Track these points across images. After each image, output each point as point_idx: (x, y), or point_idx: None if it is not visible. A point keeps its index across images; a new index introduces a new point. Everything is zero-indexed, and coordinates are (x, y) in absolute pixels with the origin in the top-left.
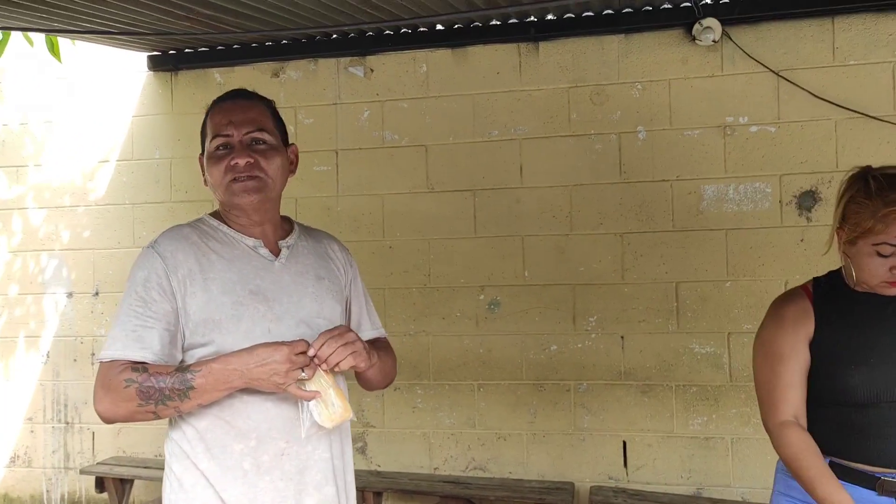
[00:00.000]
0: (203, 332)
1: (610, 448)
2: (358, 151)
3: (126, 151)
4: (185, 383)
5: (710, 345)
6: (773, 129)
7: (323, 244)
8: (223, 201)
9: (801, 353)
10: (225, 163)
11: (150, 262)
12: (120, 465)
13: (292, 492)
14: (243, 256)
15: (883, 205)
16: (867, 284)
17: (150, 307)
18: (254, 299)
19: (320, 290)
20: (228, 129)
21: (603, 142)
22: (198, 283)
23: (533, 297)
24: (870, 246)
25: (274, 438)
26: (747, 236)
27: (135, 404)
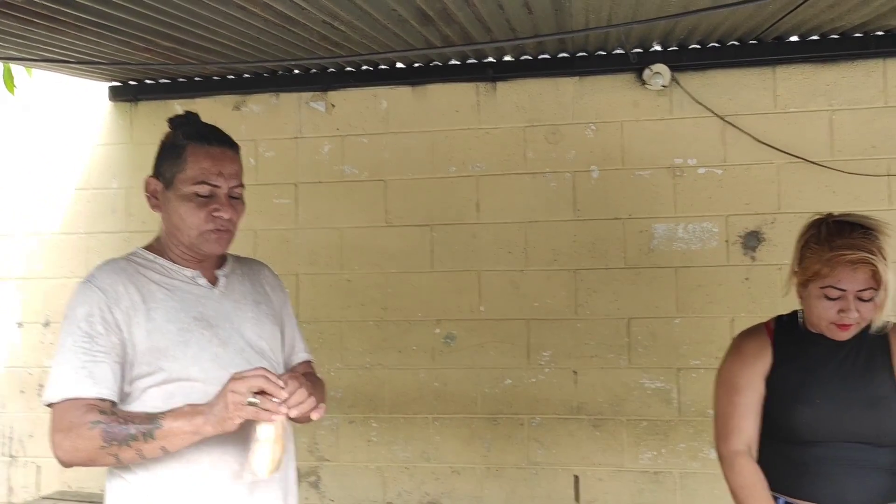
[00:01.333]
0: (150, 361)
1: (562, 482)
2: (318, 185)
3: (84, 180)
4: (151, 422)
5: (659, 380)
6: (720, 172)
7: (255, 271)
8: (187, 242)
9: (756, 386)
10: (206, 211)
11: (90, 297)
12: (64, 500)
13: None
14: (183, 286)
15: (829, 250)
16: (817, 327)
17: (96, 342)
18: (199, 325)
19: (259, 315)
20: (218, 181)
21: (558, 180)
22: (141, 313)
23: (488, 331)
24: (818, 289)
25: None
26: (695, 274)
27: (97, 445)
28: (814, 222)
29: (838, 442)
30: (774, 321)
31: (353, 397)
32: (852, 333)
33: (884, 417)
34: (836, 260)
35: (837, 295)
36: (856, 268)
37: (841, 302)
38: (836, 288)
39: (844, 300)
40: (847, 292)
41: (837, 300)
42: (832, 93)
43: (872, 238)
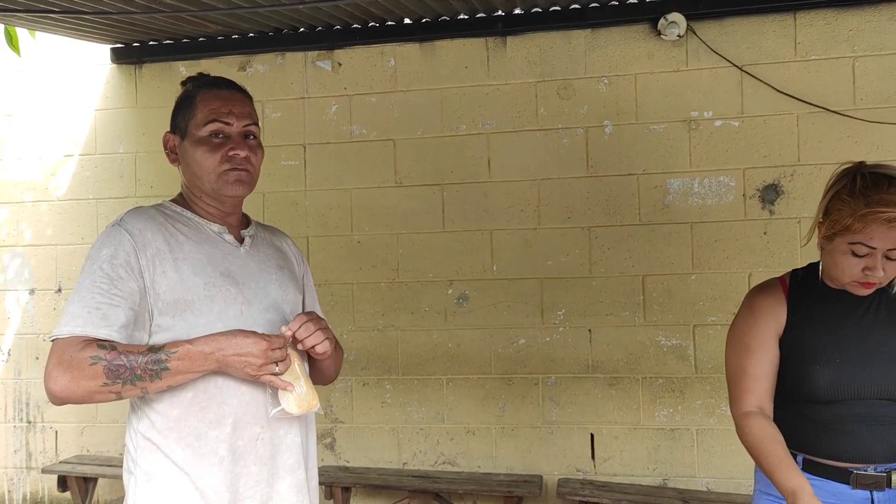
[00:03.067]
0: (174, 313)
1: (578, 441)
2: (326, 146)
3: (89, 146)
4: (159, 364)
5: (675, 337)
6: (737, 124)
7: (279, 238)
8: (208, 189)
9: (769, 347)
10: (222, 152)
11: (118, 239)
12: (83, 464)
13: (266, 476)
14: (210, 241)
15: (864, 204)
16: (839, 282)
17: (116, 285)
18: (225, 281)
19: (283, 279)
20: (229, 118)
21: (570, 136)
22: (168, 263)
23: (501, 291)
24: (846, 244)
25: (249, 423)
26: (712, 230)
27: (99, 383)
28: (846, 171)
29: (860, 400)
30: (789, 276)
31: (366, 359)
32: (872, 290)
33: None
34: (872, 216)
35: (866, 252)
36: (892, 226)
37: (868, 259)
38: (866, 245)
39: (872, 258)
40: (877, 250)
41: (865, 257)
42: (855, 39)
43: None
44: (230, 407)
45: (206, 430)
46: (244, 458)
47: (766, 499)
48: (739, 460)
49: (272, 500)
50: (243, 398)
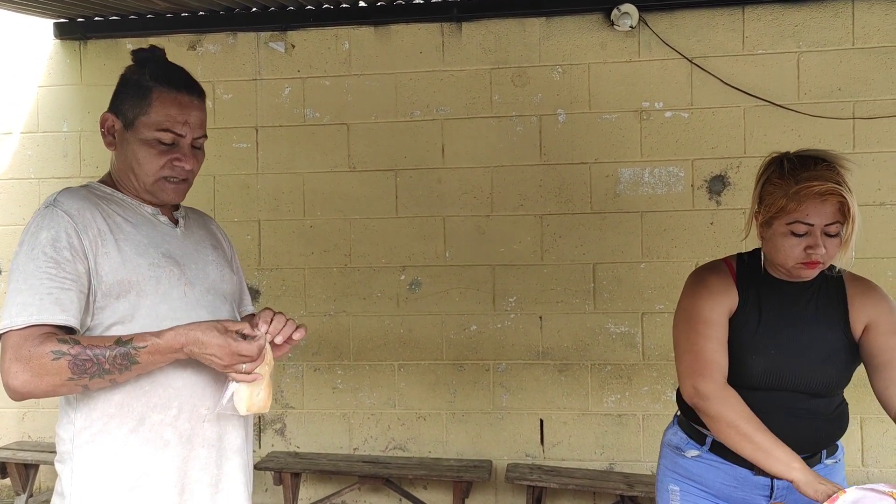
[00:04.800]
0: (117, 294)
1: (527, 426)
2: (278, 129)
3: (31, 123)
4: (128, 358)
5: (624, 324)
6: (687, 115)
7: (205, 220)
8: (141, 187)
9: (725, 322)
10: (167, 159)
11: (57, 221)
12: (23, 450)
13: (214, 457)
14: (147, 222)
15: (795, 182)
16: (783, 267)
17: (63, 268)
18: (168, 262)
19: (219, 259)
20: (183, 129)
21: (524, 124)
22: (110, 243)
23: (453, 277)
24: (784, 226)
25: (195, 406)
26: (661, 219)
27: (64, 378)
28: (773, 159)
29: (785, 391)
30: (735, 260)
31: (317, 345)
32: (817, 272)
33: (834, 372)
34: (804, 192)
35: (805, 230)
36: (824, 199)
37: (808, 238)
38: (804, 223)
39: (812, 236)
40: (815, 227)
41: (804, 236)
42: (800, 34)
43: (836, 170)
44: (175, 390)
45: (150, 414)
46: (191, 441)
47: (671, 476)
48: None
49: (221, 481)
50: (189, 380)
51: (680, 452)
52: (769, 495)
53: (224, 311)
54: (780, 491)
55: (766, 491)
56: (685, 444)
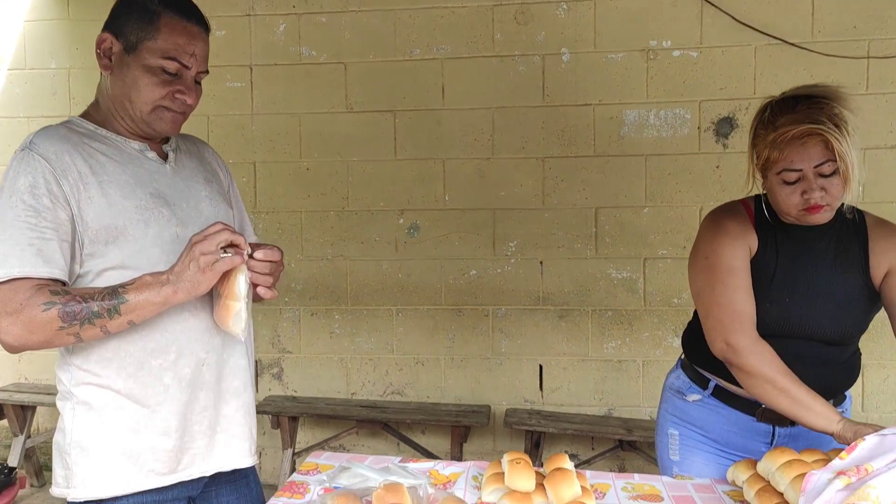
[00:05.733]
0: (105, 240)
1: (526, 372)
2: (273, 67)
3: (18, 60)
4: (115, 296)
5: (626, 270)
6: (695, 54)
7: (199, 148)
8: (137, 116)
9: (748, 268)
10: (170, 90)
11: (34, 166)
12: (20, 392)
13: (213, 400)
14: (133, 159)
15: (773, 130)
16: (788, 216)
17: (43, 216)
18: (157, 203)
19: (213, 194)
20: (190, 61)
21: (526, 63)
22: (93, 187)
23: (453, 221)
24: (775, 176)
25: (194, 350)
26: (666, 162)
27: (55, 327)
28: (762, 106)
29: (797, 338)
30: (753, 202)
31: (314, 289)
32: (828, 215)
33: (851, 319)
34: (780, 139)
35: (795, 177)
36: (804, 142)
37: (802, 184)
38: (791, 169)
39: (805, 180)
40: (804, 171)
41: (797, 183)
42: None
43: (822, 106)
44: (172, 335)
45: (149, 359)
46: (191, 385)
47: (672, 420)
48: None
49: (219, 424)
50: (186, 324)
51: (681, 396)
52: (770, 442)
53: None
54: (782, 438)
55: (768, 438)
56: (687, 387)
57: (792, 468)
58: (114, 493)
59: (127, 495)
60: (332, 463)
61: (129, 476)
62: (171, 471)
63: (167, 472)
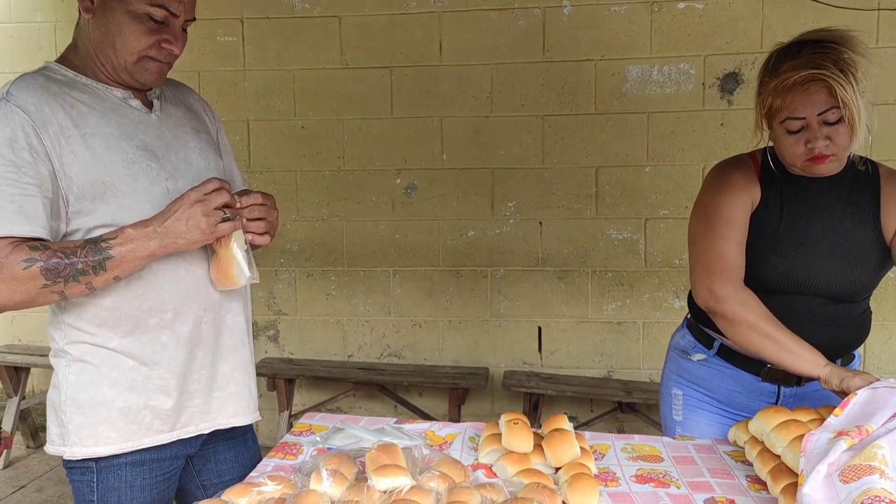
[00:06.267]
0: (92, 196)
1: (525, 334)
2: (266, 21)
3: (3, 13)
4: (99, 252)
5: (627, 230)
6: (701, 6)
7: (184, 94)
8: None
9: (746, 222)
10: (156, 38)
11: (11, 118)
12: (13, 353)
13: (210, 358)
14: (116, 109)
15: (776, 77)
16: (794, 167)
17: (24, 171)
18: (144, 156)
19: (202, 144)
20: (178, 9)
21: (526, 17)
22: (75, 141)
23: (451, 181)
24: (779, 125)
25: (191, 308)
26: (669, 120)
27: (38, 285)
28: (770, 53)
29: (805, 294)
30: (761, 154)
31: (310, 250)
32: (835, 166)
33: (860, 275)
34: (782, 85)
35: (798, 126)
36: (806, 88)
37: (806, 133)
38: (794, 118)
39: (809, 129)
40: (808, 119)
41: (801, 132)
42: None
43: (828, 51)
44: (168, 293)
45: (145, 318)
46: (189, 343)
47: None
48: None
49: (216, 381)
50: (182, 283)
51: (686, 356)
52: (775, 402)
53: None
54: (787, 399)
55: (773, 398)
56: (692, 347)
57: (788, 429)
58: (111, 452)
59: (125, 453)
60: (326, 424)
61: (127, 433)
62: (170, 429)
63: (166, 430)
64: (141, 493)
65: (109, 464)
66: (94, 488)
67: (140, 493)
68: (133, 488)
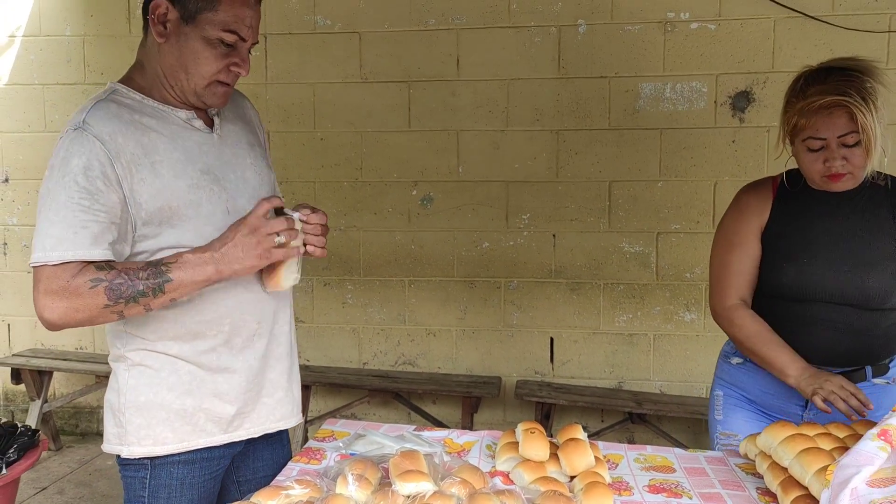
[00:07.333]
0: (158, 221)
1: (537, 344)
2: (288, 36)
3: (33, 27)
4: (159, 275)
5: (639, 244)
6: (713, 27)
7: (239, 104)
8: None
9: (751, 242)
10: (226, 62)
11: (88, 147)
12: (37, 357)
13: (261, 366)
14: (181, 132)
15: (802, 99)
16: (814, 183)
17: (97, 199)
18: (207, 180)
19: (256, 159)
20: (248, 34)
21: (542, 35)
22: (145, 168)
23: (466, 193)
24: (801, 143)
25: (246, 321)
26: (680, 136)
27: (101, 304)
28: (797, 76)
29: (823, 302)
30: (784, 175)
31: (327, 259)
32: (849, 184)
33: (873, 281)
34: (808, 107)
35: (819, 145)
36: (830, 112)
37: (825, 152)
38: (816, 138)
39: (828, 149)
40: (828, 140)
41: (821, 151)
42: None
43: (852, 79)
44: (226, 308)
45: (204, 330)
46: (242, 352)
47: (719, 384)
48: (693, 365)
49: (265, 387)
50: (239, 298)
51: (727, 359)
52: (805, 405)
53: None
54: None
55: (802, 401)
56: (732, 351)
57: (794, 443)
58: (167, 451)
59: (179, 453)
60: (348, 430)
61: (183, 434)
62: (222, 431)
63: (218, 432)
64: (189, 490)
65: (163, 461)
66: (147, 485)
67: (189, 491)
68: (183, 486)
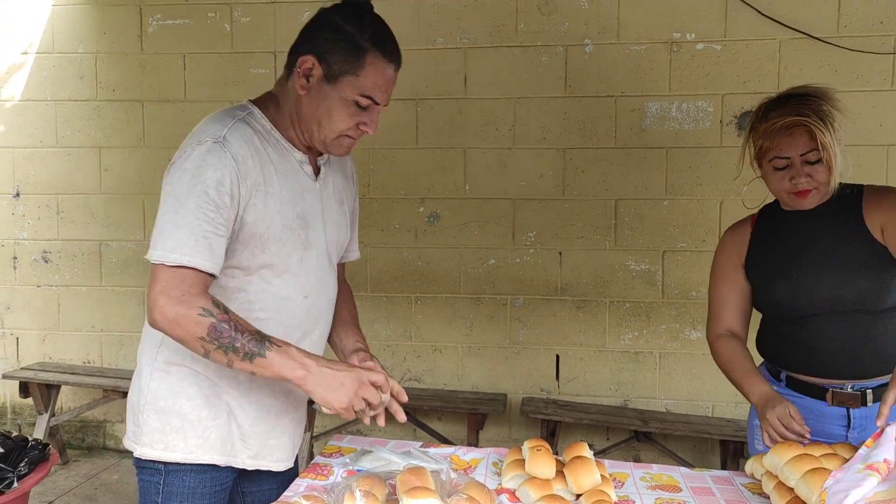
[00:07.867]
0: (245, 242)
1: (543, 361)
2: None
3: (46, 44)
4: (259, 346)
5: (645, 262)
6: (719, 47)
7: (344, 160)
8: (317, 138)
9: (732, 276)
10: (357, 121)
11: (225, 163)
12: (45, 371)
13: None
14: (293, 173)
15: (765, 121)
16: (783, 202)
17: (221, 213)
18: (299, 224)
19: (342, 218)
20: (381, 98)
21: (549, 54)
22: (259, 196)
23: (473, 210)
24: (767, 163)
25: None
26: (686, 155)
27: (198, 334)
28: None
29: (822, 314)
30: (761, 208)
31: None
32: (815, 200)
33: (862, 284)
34: (770, 129)
35: (784, 164)
36: (791, 132)
37: (790, 170)
38: (780, 157)
39: (792, 167)
40: (792, 158)
41: (786, 169)
42: None
43: (810, 102)
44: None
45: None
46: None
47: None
48: (699, 383)
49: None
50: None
51: None
52: (847, 425)
53: (328, 279)
54: (858, 421)
55: (844, 421)
56: (768, 379)
57: (801, 463)
58: (175, 459)
59: (189, 464)
60: (355, 446)
61: (192, 446)
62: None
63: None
64: (201, 500)
65: (177, 468)
66: (160, 490)
67: (200, 500)
68: (195, 495)
